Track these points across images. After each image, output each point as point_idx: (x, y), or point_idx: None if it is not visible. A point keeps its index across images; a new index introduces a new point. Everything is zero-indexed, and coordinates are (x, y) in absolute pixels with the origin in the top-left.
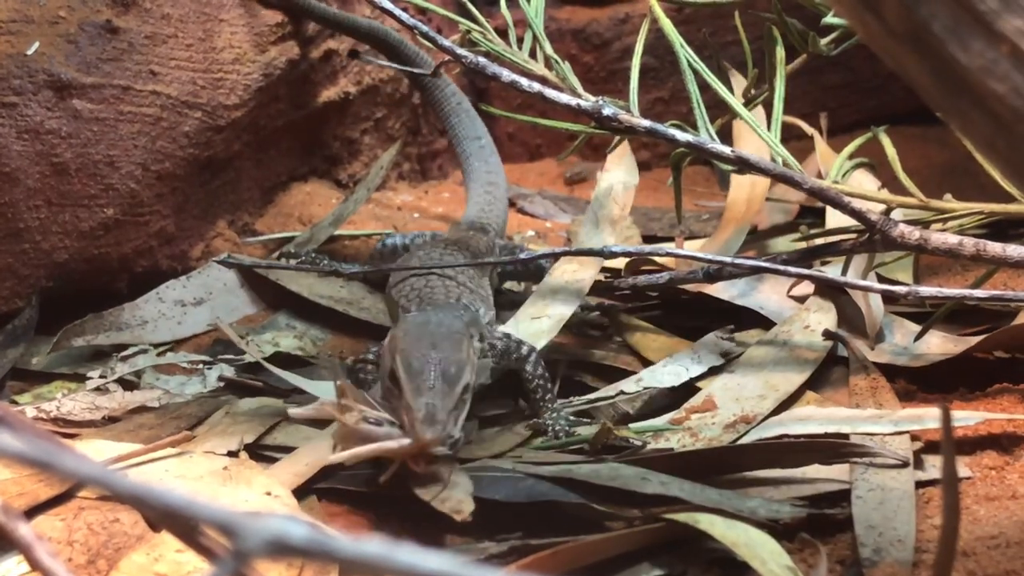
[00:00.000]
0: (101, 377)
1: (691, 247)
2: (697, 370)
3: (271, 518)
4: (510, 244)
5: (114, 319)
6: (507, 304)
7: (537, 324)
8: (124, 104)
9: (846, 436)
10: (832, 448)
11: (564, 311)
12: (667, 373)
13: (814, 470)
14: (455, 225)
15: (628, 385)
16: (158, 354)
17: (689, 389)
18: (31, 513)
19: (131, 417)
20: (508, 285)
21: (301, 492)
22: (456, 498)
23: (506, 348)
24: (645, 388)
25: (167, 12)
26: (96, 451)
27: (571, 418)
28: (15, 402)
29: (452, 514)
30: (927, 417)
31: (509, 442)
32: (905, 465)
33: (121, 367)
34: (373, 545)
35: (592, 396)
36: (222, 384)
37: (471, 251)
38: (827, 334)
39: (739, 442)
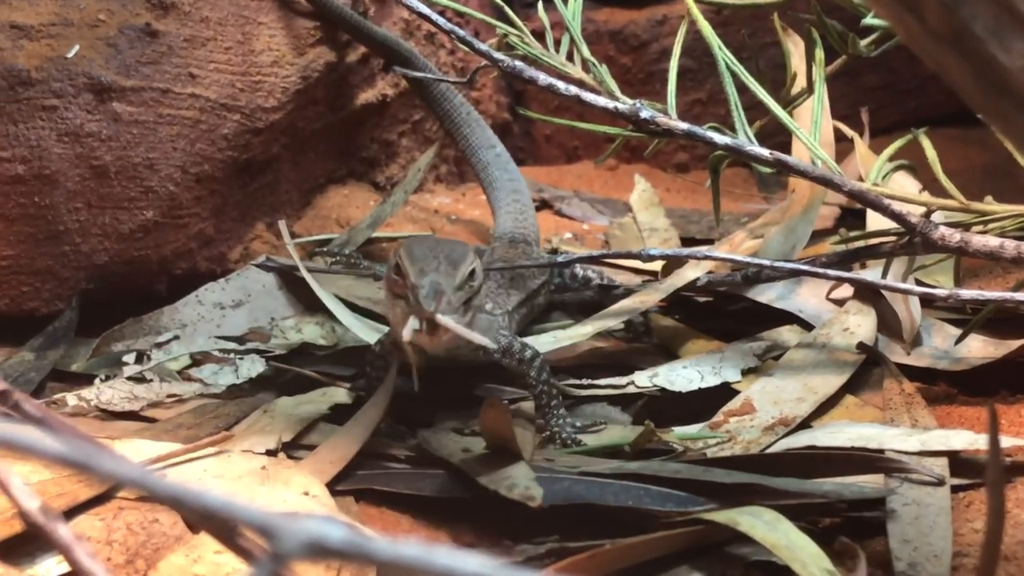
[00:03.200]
0: (137, 364)
1: (748, 248)
2: (712, 381)
3: (309, 519)
4: (550, 256)
5: (153, 323)
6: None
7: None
8: (163, 107)
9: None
10: (868, 461)
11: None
12: (681, 376)
13: (850, 477)
14: (498, 239)
15: (641, 379)
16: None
17: (727, 391)
18: (71, 513)
19: (169, 416)
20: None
21: (331, 488)
22: (523, 484)
23: (509, 346)
24: (655, 386)
25: (206, 15)
26: (135, 451)
27: (577, 424)
28: (55, 404)
29: (525, 501)
30: (955, 440)
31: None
32: (941, 484)
33: (157, 354)
34: (411, 547)
35: (602, 382)
36: (258, 372)
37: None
38: (861, 346)
39: (769, 449)
